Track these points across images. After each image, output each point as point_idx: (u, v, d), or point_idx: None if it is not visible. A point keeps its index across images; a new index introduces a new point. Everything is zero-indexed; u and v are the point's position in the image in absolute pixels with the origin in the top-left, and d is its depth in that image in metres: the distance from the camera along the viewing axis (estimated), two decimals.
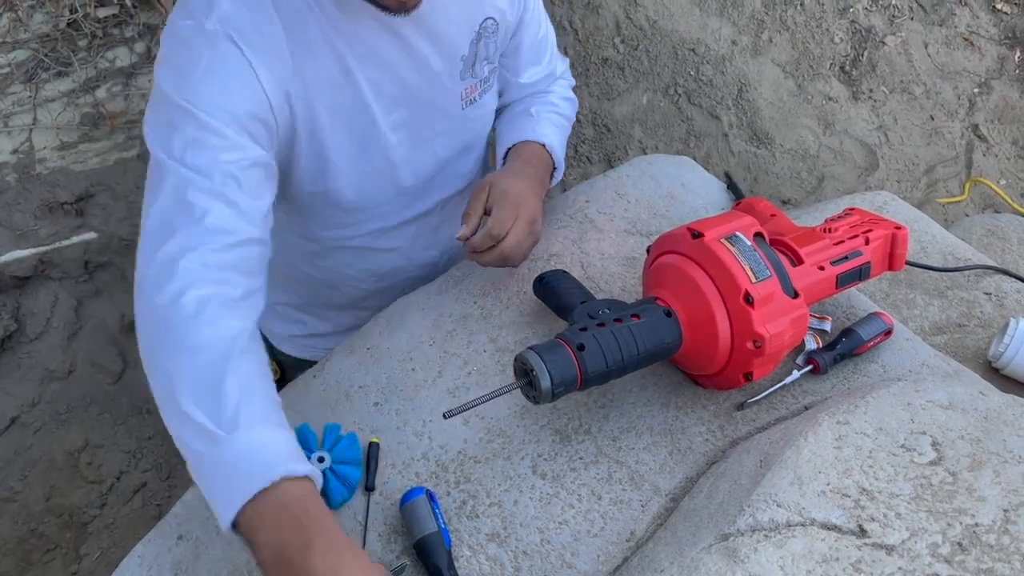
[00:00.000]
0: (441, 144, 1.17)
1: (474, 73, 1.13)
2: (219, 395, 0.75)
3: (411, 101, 1.08)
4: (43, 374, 2.17)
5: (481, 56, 1.13)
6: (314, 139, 1.02)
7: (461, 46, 1.09)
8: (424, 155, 1.16)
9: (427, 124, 1.13)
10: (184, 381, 0.77)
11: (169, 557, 0.90)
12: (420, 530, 0.88)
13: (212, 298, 0.80)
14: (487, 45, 1.13)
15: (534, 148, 1.21)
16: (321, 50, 0.97)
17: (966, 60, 2.92)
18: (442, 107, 1.13)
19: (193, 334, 0.78)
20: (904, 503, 0.79)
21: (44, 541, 2.03)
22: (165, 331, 0.80)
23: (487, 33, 1.12)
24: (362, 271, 1.29)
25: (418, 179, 1.18)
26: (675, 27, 2.71)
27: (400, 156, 1.12)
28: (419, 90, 1.08)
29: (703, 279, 0.92)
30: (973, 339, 1.27)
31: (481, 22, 1.10)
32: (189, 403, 0.75)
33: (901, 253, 1.09)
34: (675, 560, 0.79)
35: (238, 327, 0.81)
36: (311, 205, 1.13)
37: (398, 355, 1.10)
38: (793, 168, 2.67)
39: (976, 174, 2.76)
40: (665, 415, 1.02)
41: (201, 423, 0.75)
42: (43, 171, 2.19)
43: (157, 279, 0.81)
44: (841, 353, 1.06)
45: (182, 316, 0.79)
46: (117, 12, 2.27)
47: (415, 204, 1.22)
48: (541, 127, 1.24)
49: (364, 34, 0.99)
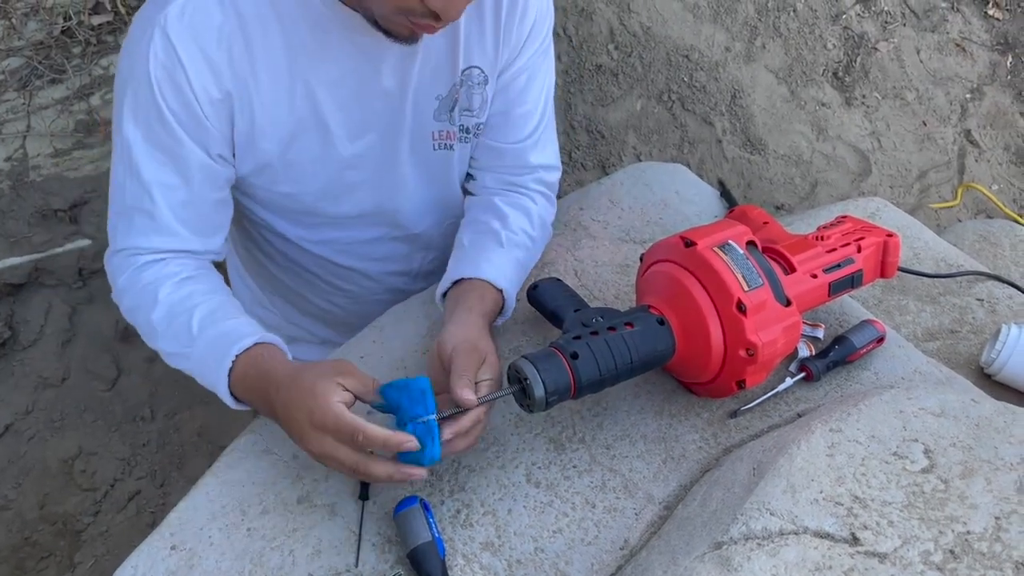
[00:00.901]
0: (413, 177, 1.15)
1: (451, 119, 1.10)
2: (181, 326, 0.96)
3: (380, 128, 1.07)
4: (37, 381, 2.17)
5: (462, 105, 1.09)
6: (257, 146, 1.02)
7: (439, 87, 1.07)
8: (392, 183, 1.14)
9: (396, 154, 1.11)
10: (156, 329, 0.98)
11: (163, 567, 0.90)
12: (414, 539, 0.88)
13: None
14: (470, 95, 1.09)
15: (487, 291, 1.05)
16: (283, 68, 0.97)
17: (958, 66, 2.94)
18: (412, 141, 1.10)
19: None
20: (896, 511, 0.79)
21: (38, 549, 2.02)
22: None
23: (471, 82, 1.08)
24: (327, 284, 1.29)
25: (382, 204, 1.17)
26: (669, 33, 2.72)
27: (359, 179, 1.11)
28: (389, 119, 1.06)
29: (696, 287, 0.93)
30: (965, 345, 1.27)
31: (464, 68, 1.07)
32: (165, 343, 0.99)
33: (893, 260, 1.10)
34: (668, 569, 0.80)
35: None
36: (271, 201, 1.13)
37: (392, 363, 1.10)
38: (786, 174, 2.68)
39: (968, 179, 2.78)
40: (659, 423, 1.02)
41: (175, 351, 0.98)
42: (37, 178, 2.18)
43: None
44: (834, 360, 1.06)
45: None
46: (111, 19, 2.27)
47: (380, 227, 1.21)
48: (504, 266, 1.08)
49: (336, 58, 0.98)
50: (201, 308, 0.96)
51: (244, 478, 0.98)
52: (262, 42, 0.95)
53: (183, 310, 0.97)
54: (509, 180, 1.19)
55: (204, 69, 0.93)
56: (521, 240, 1.13)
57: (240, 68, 0.95)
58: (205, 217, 1.03)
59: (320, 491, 0.96)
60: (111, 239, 1.03)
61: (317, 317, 1.40)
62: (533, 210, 1.17)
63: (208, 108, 0.96)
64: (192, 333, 0.95)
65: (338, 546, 0.91)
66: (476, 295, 1.04)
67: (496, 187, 1.19)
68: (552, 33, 1.15)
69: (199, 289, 1.00)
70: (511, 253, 1.11)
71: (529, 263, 1.16)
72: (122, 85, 0.97)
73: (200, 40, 0.92)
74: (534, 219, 1.17)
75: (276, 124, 1.01)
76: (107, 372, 2.20)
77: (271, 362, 0.91)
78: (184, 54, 0.92)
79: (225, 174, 1.03)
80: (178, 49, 0.92)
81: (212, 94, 0.95)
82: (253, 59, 0.96)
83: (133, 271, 1.01)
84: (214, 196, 1.03)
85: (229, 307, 0.99)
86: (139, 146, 0.96)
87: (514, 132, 1.16)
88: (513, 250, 1.11)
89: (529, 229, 1.15)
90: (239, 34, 0.94)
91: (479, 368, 0.90)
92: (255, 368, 0.91)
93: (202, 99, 0.95)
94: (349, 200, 1.14)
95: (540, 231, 1.18)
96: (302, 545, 0.91)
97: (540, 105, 1.16)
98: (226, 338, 0.93)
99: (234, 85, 0.96)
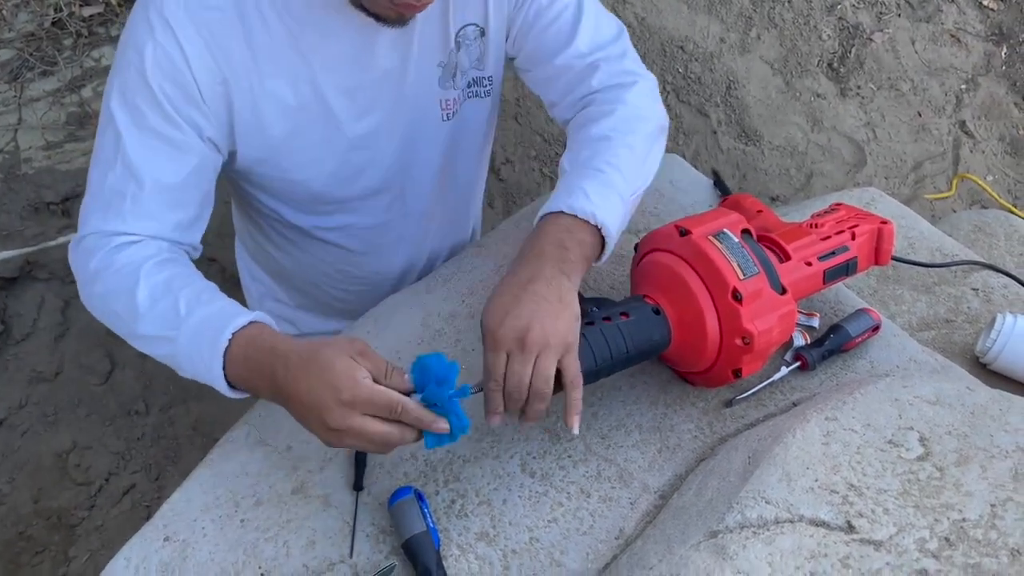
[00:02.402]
0: (423, 152, 1.15)
1: (454, 84, 1.09)
2: (166, 305, 0.90)
3: (385, 107, 1.06)
4: (30, 375, 2.16)
5: (462, 66, 1.09)
6: (262, 134, 1.01)
7: (438, 54, 1.06)
8: (401, 161, 1.14)
9: (404, 131, 1.10)
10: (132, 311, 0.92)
11: (156, 559, 0.90)
12: (408, 530, 0.87)
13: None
14: (468, 53, 1.08)
15: (577, 228, 0.94)
16: (283, 55, 0.97)
17: (953, 56, 2.93)
18: (419, 115, 1.10)
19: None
20: (892, 499, 0.79)
21: (32, 544, 2.01)
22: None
23: (467, 41, 1.07)
24: (339, 271, 1.28)
25: (392, 183, 1.16)
26: (664, 24, 2.71)
27: (367, 159, 1.10)
28: (394, 97, 1.06)
29: (691, 276, 0.92)
30: (960, 334, 1.27)
31: (459, 30, 1.06)
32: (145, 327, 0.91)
33: (887, 248, 1.10)
34: (664, 557, 0.79)
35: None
36: (280, 190, 1.12)
37: (386, 354, 1.08)
38: (781, 165, 2.68)
39: (963, 170, 2.78)
40: (654, 412, 1.02)
41: (160, 335, 0.90)
42: (29, 171, 2.17)
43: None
44: (829, 349, 1.06)
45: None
46: (102, 11, 2.25)
47: (390, 209, 1.20)
48: (601, 194, 0.96)
49: (334, 40, 0.98)
50: (186, 290, 0.91)
51: (238, 469, 0.98)
52: (261, 29, 0.95)
53: (167, 291, 0.91)
54: (580, 97, 1.11)
55: (204, 53, 0.93)
56: (617, 156, 1.00)
57: (240, 55, 0.95)
58: (188, 207, 1.00)
59: (314, 482, 0.96)
60: (82, 223, 0.98)
61: (331, 308, 1.39)
62: (618, 111, 1.06)
63: (207, 91, 0.94)
64: (179, 314, 0.89)
65: (332, 537, 0.91)
66: (554, 240, 0.92)
67: (576, 109, 1.12)
68: None
69: (180, 272, 0.95)
70: (610, 179, 0.98)
71: (632, 174, 1.01)
72: (117, 68, 0.95)
73: (199, 25, 0.92)
74: (620, 122, 1.04)
75: (280, 111, 1.00)
76: (101, 366, 2.20)
77: (274, 339, 0.86)
78: (183, 38, 0.91)
79: (213, 162, 1.01)
80: (177, 33, 0.91)
81: (212, 78, 0.94)
82: (253, 46, 0.95)
83: (106, 253, 0.95)
84: (201, 187, 1.01)
85: (214, 291, 0.94)
86: (129, 130, 0.94)
87: (559, 45, 1.08)
88: (612, 173, 0.99)
89: (623, 136, 1.03)
90: (238, 22, 0.93)
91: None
92: (255, 347, 0.86)
93: (202, 81, 0.93)
94: (357, 182, 1.13)
95: (636, 125, 1.05)
96: (296, 536, 0.91)
97: (572, 8, 1.07)
98: (219, 317, 0.88)
99: (232, 72, 0.95)
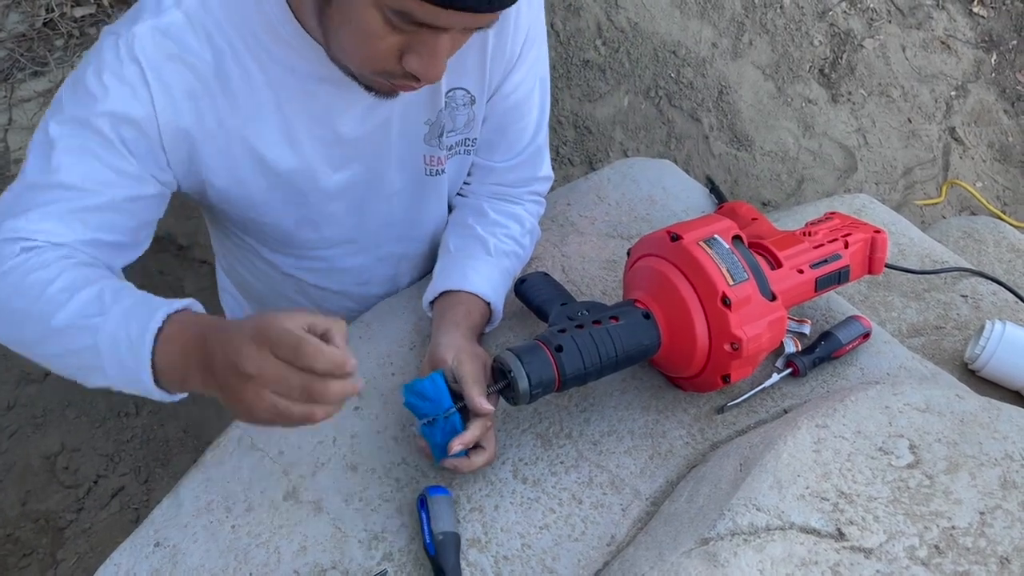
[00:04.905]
0: (402, 203, 1.12)
1: (440, 144, 1.06)
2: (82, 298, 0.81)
3: (366, 160, 1.03)
4: (19, 376, 2.15)
5: (448, 127, 1.06)
6: (233, 179, 0.97)
7: (426, 112, 1.03)
8: (378, 212, 1.11)
9: (383, 184, 1.07)
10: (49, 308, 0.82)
11: (146, 564, 0.89)
12: (448, 524, 0.89)
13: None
14: (455, 116, 1.05)
15: (474, 305, 1.04)
16: (262, 105, 0.93)
17: (943, 63, 2.95)
18: (401, 168, 1.07)
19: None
20: (882, 506, 0.79)
21: (20, 547, 2.00)
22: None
23: (455, 103, 1.03)
24: (316, 304, 1.25)
25: (367, 232, 1.14)
26: (656, 29, 2.72)
27: (343, 209, 1.08)
28: (375, 151, 1.03)
29: (681, 281, 0.93)
30: (950, 341, 1.28)
31: (448, 91, 1.02)
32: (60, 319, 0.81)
33: (880, 257, 1.10)
34: (655, 564, 0.80)
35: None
36: (252, 229, 1.10)
37: (377, 359, 1.09)
38: (773, 170, 2.69)
39: (953, 176, 2.79)
40: (646, 419, 1.02)
41: (80, 323, 0.80)
42: (18, 172, 2.16)
43: None
44: (820, 356, 1.06)
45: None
46: (94, 11, 2.24)
47: (364, 252, 1.18)
48: (491, 276, 1.07)
49: (315, 94, 0.94)
50: (109, 283, 0.83)
51: (229, 474, 0.97)
52: (241, 78, 0.90)
53: (88, 282, 0.83)
54: (500, 190, 1.17)
55: (172, 101, 0.88)
56: (510, 248, 1.12)
57: (214, 104, 0.90)
58: (115, 231, 0.91)
59: (306, 488, 0.96)
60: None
61: None
62: (524, 218, 1.16)
63: (169, 139, 0.89)
64: (104, 301, 0.80)
65: (324, 543, 0.91)
66: (463, 309, 1.03)
67: (486, 194, 1.17)
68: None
69: (101, 273, 0.86)
70: (499, 263, 1.09)
71: (517, 270, 1.14)
72: (74, 96, 0.88)
73: (172, 71, 0.87)
74: (525, 225, 1.15)
75: (254, 161, 0.97)
76: None
77: (211, 318, 0.79)
78: (152, 79, 0.86)
79: (160, 198, 0.94)
80: (147, 75, 0.86)
81: (176, 126, 0.89)
82: (230, 95, 0.91)
83: (18, 254, 0.85)
84: (137, 216, 0.93)
85: (136, 289, 0.85)
86: (66, 142, 0.87)
87: (509, 150, 1.13)
88: (501, 259, 1.10)
89: (519, 236, 1.14)
90: (216, 70, 0.89)
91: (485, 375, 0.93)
92: (192, 323, 0.78)
93: (165, 129, 0.88)
94: (331, 228, 1.11)
95: (530, 237, 1.17)
96: (287, 542, 0.91)
97: (535, 115, 1.12)
98: (150, 302, 0.81)
99: (201, 121, 0.91)
